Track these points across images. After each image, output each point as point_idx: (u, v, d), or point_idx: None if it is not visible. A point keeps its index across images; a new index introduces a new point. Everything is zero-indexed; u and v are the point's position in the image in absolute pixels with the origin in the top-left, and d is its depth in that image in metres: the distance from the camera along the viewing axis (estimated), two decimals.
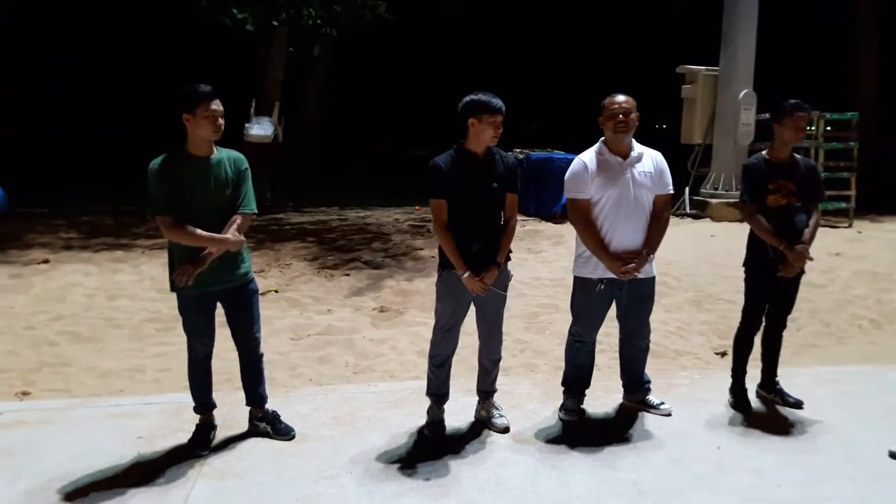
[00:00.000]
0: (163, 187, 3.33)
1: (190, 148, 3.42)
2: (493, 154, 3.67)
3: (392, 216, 12.01)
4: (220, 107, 3.39)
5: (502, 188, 3.68)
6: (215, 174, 3.45)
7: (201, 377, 3.67)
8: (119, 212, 11.42)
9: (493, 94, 3.59)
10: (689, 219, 10.95)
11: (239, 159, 3.58)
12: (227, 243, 3.41)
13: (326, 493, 3.19)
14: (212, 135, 3.38)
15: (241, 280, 3.60)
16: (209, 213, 3.41)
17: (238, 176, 3.52)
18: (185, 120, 3.36)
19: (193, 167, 3.40)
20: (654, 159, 3.83)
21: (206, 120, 3.34)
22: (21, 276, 6.93)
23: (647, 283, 3.90)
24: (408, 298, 6.55)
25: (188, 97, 3.34)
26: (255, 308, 3.70)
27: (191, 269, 3.35)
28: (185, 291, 3.44)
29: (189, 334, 3.60)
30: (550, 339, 5.45)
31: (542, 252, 8.28)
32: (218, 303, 3.61)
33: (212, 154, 3.47)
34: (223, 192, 3.46)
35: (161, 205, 3.34)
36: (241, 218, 3.51)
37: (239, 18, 10.97)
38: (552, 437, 3.77)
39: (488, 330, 3.86)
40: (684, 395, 4.35)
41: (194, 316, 3.55)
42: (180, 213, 3.34)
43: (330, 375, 4.83)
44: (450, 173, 3.60)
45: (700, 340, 5.61)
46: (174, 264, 3.45)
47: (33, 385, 4.58)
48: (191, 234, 3.35)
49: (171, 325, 5.71)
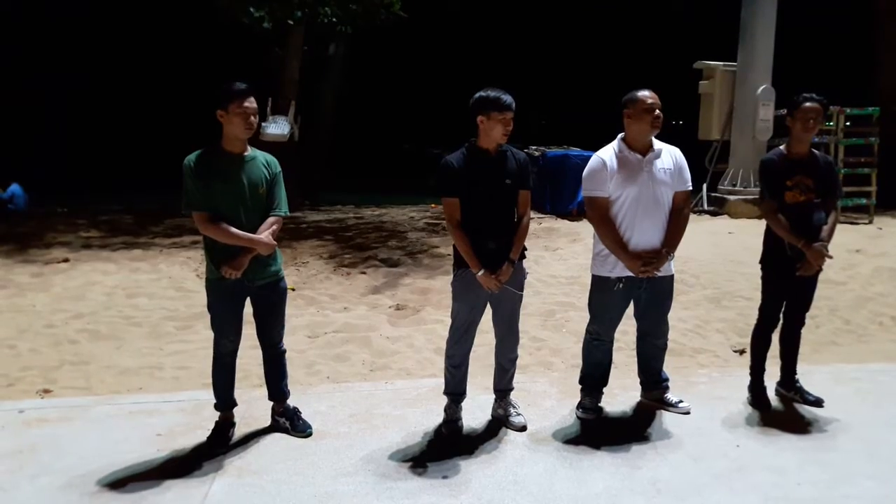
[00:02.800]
0: (198, 183, 3.37)
1: (225, 145, 3.47)
2: (504, 151, 3.66)
3: (407, 214, 12.03)
4: (254, 104, 3.42)
5: (515, 185, 3.66)
6: (249, 172, 3.48)
7: (225, 374, 3.69)
8: (138, 211, 11.53)
9: (502, 91, 3.56)
10: (707, 216, 10.87)
11: (273, 161, 3.61)
12: (260, 245, 3.45)
13: (344, 490, 3.20)
14: (243, 132, 3.41)
15: (273, 278, 3.63)
16: (240, 210, 3.44)
17: (272, 177, 3.56)
18: (219, 117, 3.40)
19: (227, 164, 3.44)
20: (673, 156, 3.80)
21: (239, 117, 3.37)
22: (42, 275, 7.02)
23: (665, 282, 3.86)
24: (424, 296, 6.56)
25: (222, 94, 3.38)
26: (283, 306, 3.74)
27: (232, 273, 3.41)
28: (219, 285, 3.49)
29: (216, 330, 3.62)
30: (567, 337, 5.44)
31: (559, 249, 8.26)
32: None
33: (246, 152, 3.51)
34: (256, 191, 3.49)
35: (196, 200, 3.39)
36: (276, 219, 3.55)
37: (255, 17, 11.02)
38: (570, 435, 3.76)
39: (505, 328, 3.85)
40: (703, 393, 4.32)
41: (224, 311, 3.57)
42: (213, 208, 3.39)
43: (347, 373, 4.85)
44: (462, 171, 3.59)
45: (718, 338, 5.57)
46: (211, 257, 3.49)
47: (54, 383, 4.63)
48: (225, 231, 3.39)
49: (190, 324, 5.76)
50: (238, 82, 3.43)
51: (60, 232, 9.37)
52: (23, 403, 4.21)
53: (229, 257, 3.42)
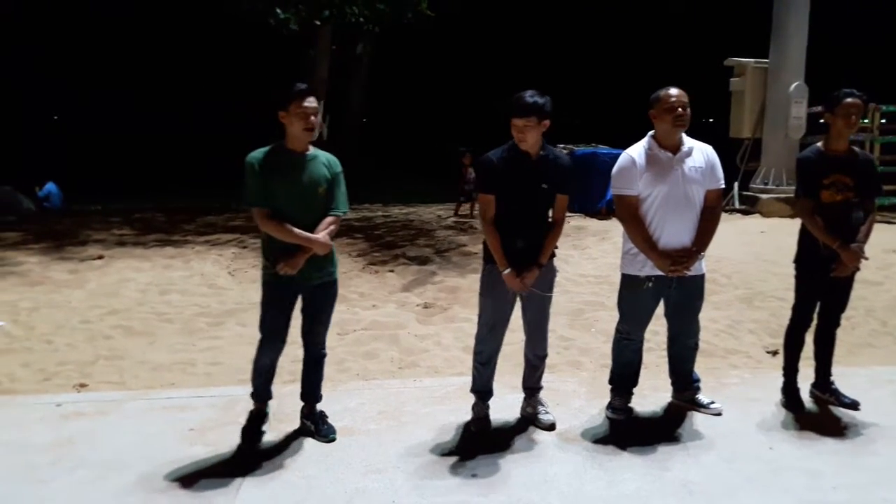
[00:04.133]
0: (259, 179, 3.41)
1: (287, 144, 3.50)
2: (546, 155, 3.63)
3: (435, 212, 12.06)
4: (314, 104, 3.44)
5: (552, 189, 3.64)
6: (310, 171, 3.51)
7: (267, 371, 3.69)
8: (170, 209, 11.71)
9: (535, 94, 3.51)
10: (739, 214, 10.74)
11: (334, 161, 3.64)
12: (317, 245, 3.47)
13: (374, 487, 3.22)
14: (303, 132, 3.44)
15: (328, 278, 3.64)
16: (299, 209, 3.46)
17: (333, 176, 3.58)
18: (281, 117, 3.44)
19: (289, 162, 3.48)
20: (704, 153, 3.75)
21: (298, 117, 3.40)
22: (77, 272, 7.17)
23: (696, 281, 3.81)
24: (452, 295, 6.56)
25: (282, 95, 3.41)
26: (332, 308, 3.74)
27: (288, 269, 3.42)
28: (273, 283, 3.51)
29: (264, 334, 3.61)
30: (596, 336, 5.40)
31: (587, 248, 8.21)
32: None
33: (308, 151, 3.54)
34: (315, 190, 3.51)
35: (256, 196, 3.43)
36: (334, 219, 3.57)
37: (282, 18, 11.11)
38: (599, 435, 3.74)
39: (533, 326, 3.83)
40: (735, 394, 4.26)
41: (275, 309, 3.57)
42: (272, 205, 3.42)
43: (376, 370, 4.88)
44: (500, 170, 3.59)
45: (751, 339, 5.49)
46: (267, 253, 3.51)
47: (90, 377, 4.72)
48: (284, 229, 3.41)
49: (222, 320, 5.84)
50: (298, 83, 3.47)
51: (95, 230, 9.56)
52: (60, 397, 4.30)
53: (286, 255, 3.44)
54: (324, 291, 3.66)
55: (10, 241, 8.75)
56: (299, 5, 11.09)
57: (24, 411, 4.06)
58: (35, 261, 7.62)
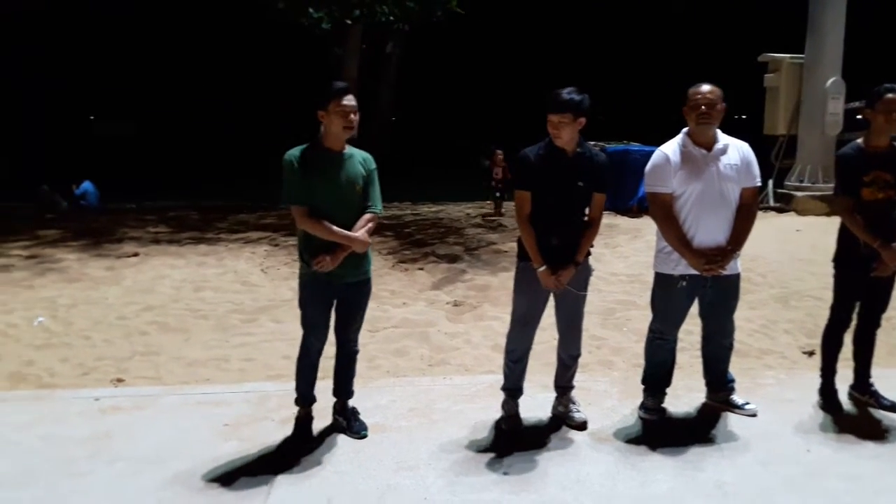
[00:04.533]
0: (298, 178, 3.43)
1: (325, 142, 3.51)
2: (582, 152, 3.61)
3: (464, 210, 12.05)
4: (353, 102, 3.44)
5: (588, 187, 3.62)
6: (346, 169, 3.52)
7: (310, 372, 3.71)
8: (203, 207, 11.87)
9: (570, 90, 3.49)
10: (773, 212, 10.56)
11: (369, 159, 3.65)
12: (356, 242, 3.48)
13: (406, 483, 3.23)
14: (342, 130, 3.45)
15: (363, 276, 3.66)
16: (335, 207, 3.48)
17: (368, 175, 3.59)
18: (320, 116, 3.45)
19: (327, 160, 3.49)
20: (740, 150, 3.69)
21: (338, 115, 3.40)
22: (114, 269, 7.30)
23: (731, 280, 3.76)
24: (482, 293, 6.56)
25: (322, 94, 3.43)
26: (366, 306, 3.77)
27: (328, 263, 3.44)
28: (311, 282, 3.53)
29: (306, 328, 3.64)
30: (628, 336, 5.36)
31: (619, 247, 8.14)
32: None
33: (345, 150, 3.55)
34: (352, 188, 3.52)
35: (295, 194, 3.44)
36: (371, 217, 3.59)
37: (315, 18, 11.20)
38: (632, 435, 3.70)
39: (566, 325, 3.81)
40: (770, 395, 4.20)
41: (315, 307, 3.60)
42: (311, 203, 3.44)
43: (406, 367, 4.89)
44: (536, 167, 3.58)
45: (786, 339, 5.40)
46: (304, 252, 3.53)
47: (126, 372, 4.81)
48: (323, 227, 3.43)
49: (255, 317, 5.91)
50: (337, 81, 3.49)
51: (131, 227, 9.73)
52: (98, 391, 4.39)
53: (324, 253, 3.45)
54: (359, 289, 3.68)
55: (50, 238, 8.95)
56: (332, 5, 11.16)
57: (64, 405, 4.15)
58: (73, 258, 7.78)
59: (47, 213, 11.81)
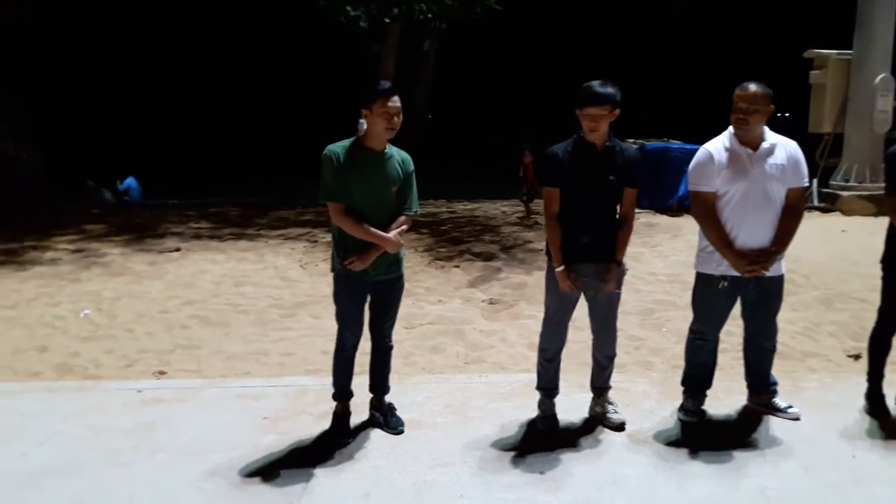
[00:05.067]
0: (336, 174, 3.45)
1: (366, 141, 3.52)
2: (612, 147, 3.58)
3: (500, 208, 12.01)
4: (397, 103, 3.45)
5: (620, 182, 3.58)
6: (385, 170, 3.54)
7: (347, 367, 3.74)
8: (243, 203, 12.04)
9: (603, 84, 3.45)
10: (817, 212, 10.31)
11: (408, 160, 3.66)
12: (389, 243, 3.51)
13: (442, 480, 3.24)
14: (386, 131, 3.46)
15: (395, 274, 3.68)
16: (371, 207, 3.50)
17: (405, 176, 3.61)
18: (364, 115, 3.46)
19: (366, 159, 3.50)
20: (787, 150, 3.60)
21: (381, 117, 3.41)
22: (156, 263, 7.46)
23: (774, 282, 3.68)
24: (518, 291, 6.53)
25: (367, 94, 3.44)
26: (399, 303, 3.80)
27: (358, 264, 3.47)
28: (344, 278, 3.57)
29: (340, 323, 3.68)
30: (667, 336, 5.28)
31: (658, 246, 8.03)
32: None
33: (385, 150, 3.56)
34: (389, 189, 3.54)
35: (333, 191, 3.47)
36: (406, 219, 3.62)
37: (353, 16, 11.26)
38: (671, 437, 3.65)
39: (601, 325, 3.78)
40: (814, 398, 4.10)
41: (349, 302, 3.63)
42: (347, 201, 3.47)
43: (442, 364, 4.90)
44: (565, 163, 3.55)
45: (830, 342, 5.27)
46: (338, 251, 3.57)
47: (168, 365, 4.91)
48: (358, 226, 3.46)
49: (294, 312, 5.98)
50: (383, 81, 3.51)
51: (173, 223, 9.92)
52: (140, 384, 4.50)
53: (357, 251, 3.49)
54: (391, 286, 3.71)
55: (95, 233, 9.18)
56: (370, 4, 11.21)
57: (108, 396, 4.26)
58: (117, 252, 7.97)
59: (92, 208, 12.10)
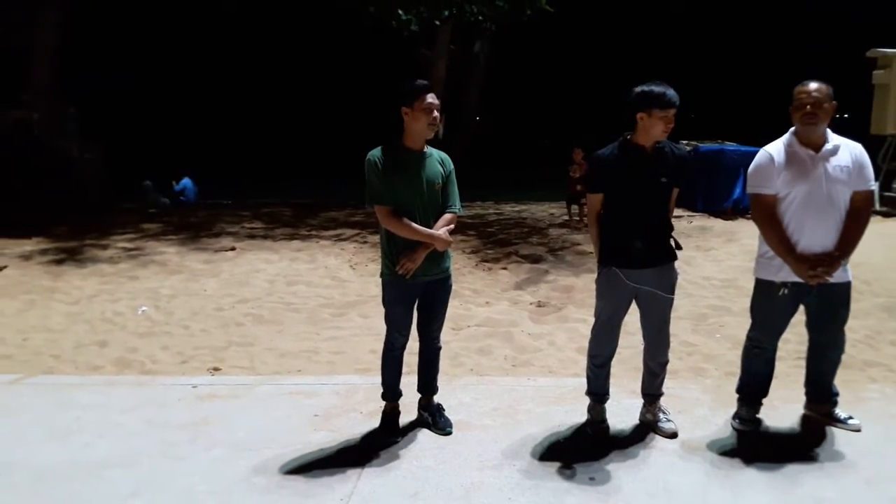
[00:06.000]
0: (381, 177, 3.48)
1: (406, 141, 3.55)
2: (661, 147, 3.52)
3: (547, 210, 11.94)
4: (437, 100, 3.48)
5: (670, 183, 3.54)
6: (427, 168, 3.56)
7: (395, 367, 3.76)
8: (295, 204, 12.25)
9: (666, 86, 3.41)
10: (879, 217, 9.97)
11: (447, 158, 3.69)
12: (438, 241, 3.52)
13: (490, 482, 3.23)
14: (427, 127, 3.48)
15: (444, 274, 3.69)
16: (416, 206, 3.52)
17: (447, 174, 3.64)
18: (404, 113, 3.48)
19: (408, 160, 3.53)
20: (852, 152, 3.49)
21: (423, 112, 3.44)
22: (212, 262, 7.64)
23: (840, 289, 3.54)
24: (566, 294, 6.49)
25: (406, 91, 3.47)
26: (447, 303, 3.80)
27: (409, 265, 3.49)
28: (394, 283, 3.58)
29: (389, 325, 3.70)
30: (721, 343, 5.17)
31: (712, 250, 7.86)
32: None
33: (424, 149, 3.59)
34: (433, 187, 3.56)
35: (379, 194, 3.48)
36: (452, 216, 3.64)
37: (404, 20, 11.34)
38: (725, 446, 3.57)
39: (654, 331, 3.71)
40: (875, 410, 3.96)
41: (399, 306, 3.65)
42: (394, 202, 3.49)
43: (489, 367, 4.90)
44: (613, 167, 3.51)
45: (892, 351, 5.09)
46: (388, 254, 3.58)
47: (222, 362, 5.02)
48: (406, 226, 3.47)
49: (344, 311, 6.06)
50: (420, 80, 3.52)
51: (227, 223, 10.16)
52: (196, 379, 4.60)
53: (407, 251, 3.50)
54: (440, 286, 3.71)
55: (152, 232, 9.46)
56: (420, 6, 11.27)
57: (164, 391, 4.38)
58: (174, 251, 8.19)
59: (150, 208, 12.47)
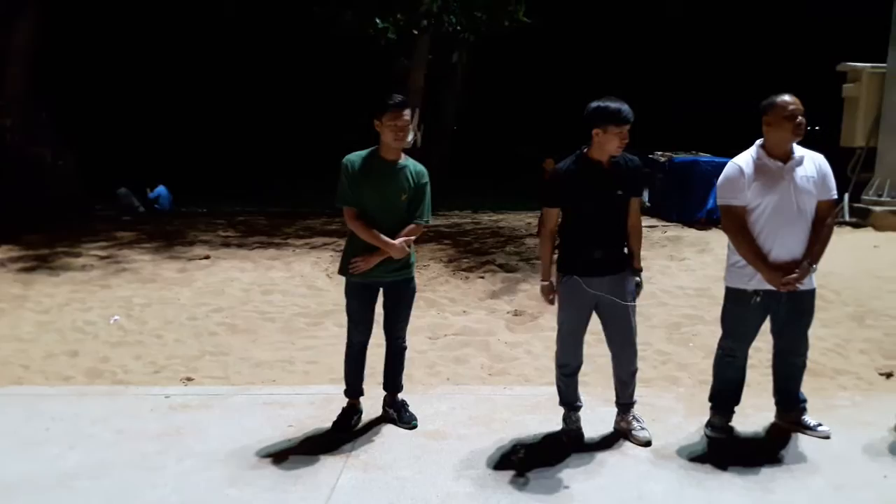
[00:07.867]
0: (351, 181, 3.71)
1: (381, 150, 3.75)
2: (616, 161, 3.59)
3: (524, 220, 11.99)
4: (406, 117, 3.65)
5: (627, 195, 3.63)
6: (396, 179, 3.75)
7: (354, 363, 3.96)
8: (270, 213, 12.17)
9: (621, 102, 3.48)
10: (849, 227, 10.14)
11: (422, 172, 3.86)
12: (393, 249, 3.70)
13: (466, 491, 3.23)
14: (393, 142, 3.68)
15: (403, 276, 3.88)
16: (381, 213, 3.74)
17: (418, 187, 3.80)
18: (376, 126, 3.69)
19: (380, 168, 3.74)
20: (816, 162, 3.58)
21: (389, 128, 3.64)
22: (186, 271, 7.56)
23: (806, 296, 3.64)
24: (542, 303, 6.44)
25: (377, 106, 3.66)
26: (409, 305, 3.99)
27: (361, 266, 3.72)
28: (351, 278, 3.81)
29: (349, 320, 3.93)
30: (694, 351, 5.23)
31: (686, 259, 7.94)
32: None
33: (399, 160, 3.78)
34: (398, 198, 3.75)
35: (346, 196, 3.74)
36: (415, 227, 3.81)
37: (381, 28, 11.35)
38: (697, 453, 3.61)
39: (619, 342, 3.76)
40: (844, 417, 4.03)
41: (354, 301, 3.88)
42: (360, 206, 3.71)
43: (466, 375, 4.90)
44: (571, 183, 3.59)
45: (862, 359, 5.17)
46: (347, 252, 3.83)
47: (196, 371, 4.97)
48: (367, 230, 3.71)
49: (320, 321, 6.02)
50: (396, 95, 3.69)
51: (202, 231, 10.05)
52: (168, 389, 4.56)
53: (363, 254, 3.74)
54: (401, 288, 3.90)
55: (126, 240, 9.33)
56: (398, 15, 11.30)
57: (137, 401, 4.32)
58: (147, 259, 8.09)
59: (124, 215, 12.31)
